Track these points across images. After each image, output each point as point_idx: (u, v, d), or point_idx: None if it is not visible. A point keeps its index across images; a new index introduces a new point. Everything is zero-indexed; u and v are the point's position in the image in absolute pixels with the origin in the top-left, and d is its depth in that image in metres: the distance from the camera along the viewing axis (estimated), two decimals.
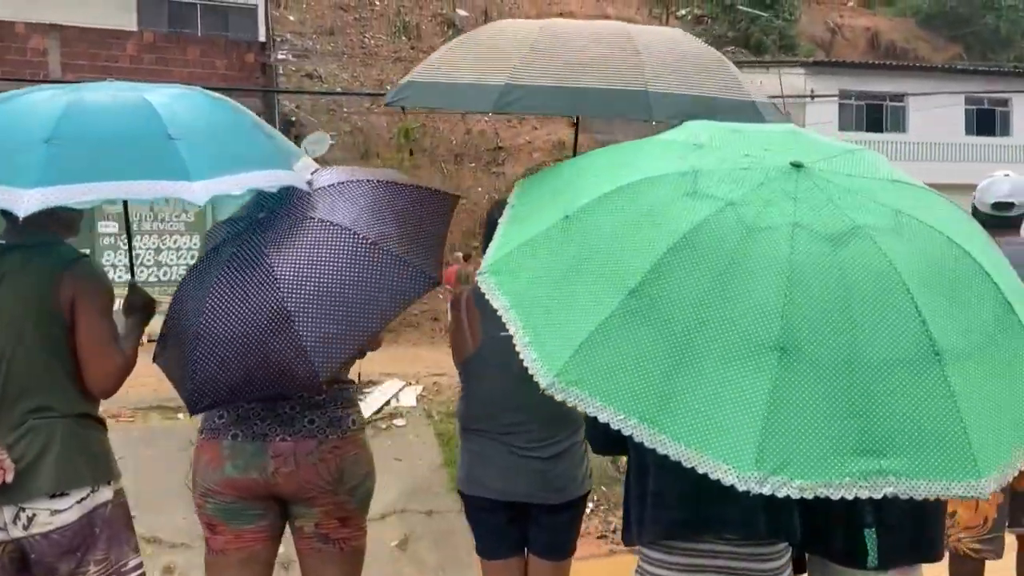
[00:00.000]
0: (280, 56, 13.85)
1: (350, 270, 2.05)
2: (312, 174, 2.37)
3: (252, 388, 2.08)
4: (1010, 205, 3.07)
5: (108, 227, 12.85)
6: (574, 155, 2.11)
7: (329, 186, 2.28)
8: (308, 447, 2.29)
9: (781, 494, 1.23)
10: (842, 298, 1.35)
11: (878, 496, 1.25)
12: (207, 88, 2.45)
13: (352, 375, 2.59)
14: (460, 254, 14.64)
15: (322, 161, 18.76)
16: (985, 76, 19.24)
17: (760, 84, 19.24)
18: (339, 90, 17.04)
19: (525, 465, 2.44)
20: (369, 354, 2.47)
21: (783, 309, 1.33)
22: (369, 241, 2.10)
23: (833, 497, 1.25)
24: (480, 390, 2.53)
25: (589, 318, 1.36)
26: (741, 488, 1.23)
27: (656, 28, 2.60)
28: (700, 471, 1.26)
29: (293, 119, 24.83)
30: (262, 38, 13.92)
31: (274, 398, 2.25)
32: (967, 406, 1.31)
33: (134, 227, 13.12)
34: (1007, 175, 3.17)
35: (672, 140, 1.70)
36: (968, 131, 18.80)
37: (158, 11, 13.62)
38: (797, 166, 1.53)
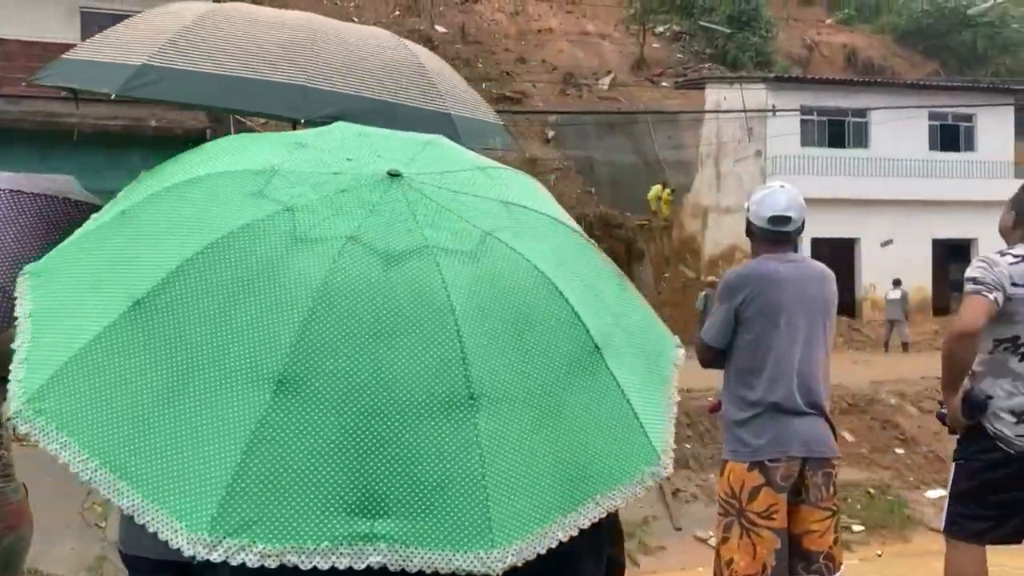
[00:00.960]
0: None
1: None
2: None
3: None
4: (787, 219, 2.86)
5: None
6: None
7: None
8: None
9: (236, 561, 1.01)
10: (377, 325, 1.13)
11: (361, 566, 1.03)
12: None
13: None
14: None
15: None
16: (950, 91, 19.22)
17: (724, 99, 19.18)
18: None
19: None
20: None
21: (298, 334, 1.11)
22: None
23: (303, 566, 1.03)
24: None
25: (82, 334, 1.14)
26: (188, 553, 1.01)
27: (358, 27, 2.40)
28: (151, 530, 1.04)
29: (253, 129, 24.73)
30: None
31: None
32: (497, 463, 1.08)
33: None
34: (783, 187, 2.96)
35: (281, 137, 1.49)
36: (932, 147, 18.73)
37: (103, 23, 13.44)
38: (394, 175, 1.32)
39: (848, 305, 18.97)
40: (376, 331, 1.10)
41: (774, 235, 2.84)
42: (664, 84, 26.47)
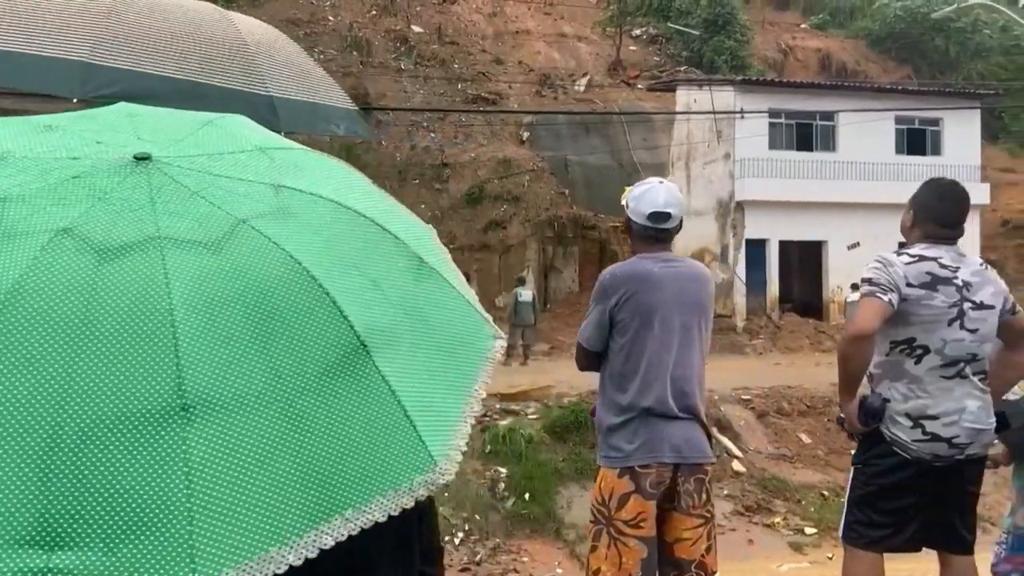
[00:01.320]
0: None
1: None
2: None
3: None
4: (666, 216, 2.75)
5: None
6: None
7: None
8: None
9: None
10: (79, 330, 0.99)
11: None
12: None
13: None
14: None
15: None
16: (917, 96, 19.35)
17: (695, 102, 19.23)
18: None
19: None
20: None
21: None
22: None
23: None
24: None
25: None
26: None
27: (179, 1, 2.24)
28: None
29: None
30: None
31: None
32: (208, 482, 0.95)
33: None
34: (662, 182, 2.84)
35: (28, 121, 1.36)
36: (899, 151, 18.86)
37: None
38: (141, 158, 1.20)
39: (815, 307, 19.07)
40: (76, 337, 0.99)
41: (653, 232, 2.75)
42: (640, 86, 26.48)
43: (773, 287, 18.13)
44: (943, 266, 2.73)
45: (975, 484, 2.83)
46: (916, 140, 19.25)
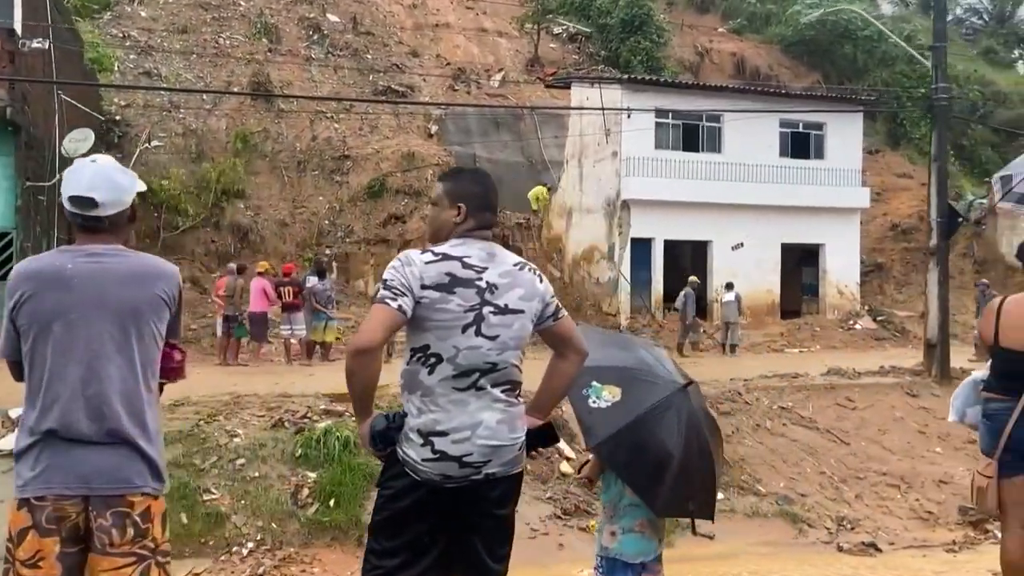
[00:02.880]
0: (36, 44, 12.76)
1: None
2: None
3: None
4: (90, 202, 2.32)
5: None
6: None
7: None
8: None
9: None
10: None
11: None
12: None
13: None
14: (234, 265, 13.86)
15: (142, 161, 17.51)
16: (800, 99, 19.62)
17: (587, 99, 19.17)
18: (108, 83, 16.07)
19: None
20: None
21: None
22: None
23: None
24: None
25: None
26: None
27: None
28: None
29: (118, 118, 23.58)
30: (18, 25, 12.79)
31: None
32: None
33: None
34: (94, 161, 2.41)
35: None
36: (783, 153, 19.13)
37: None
38: None
39: (699, 307, 19.22)
40: None
41: (80, 221, 2.35)
42: (552, 84, 26.40)
43: (658, 286, 18.19)
44: (467, 266, 2.49)
45: (503, 506, 2.57)
46: (800, 143, 19.55)
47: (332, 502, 7.97)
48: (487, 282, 2.50)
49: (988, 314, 3.52)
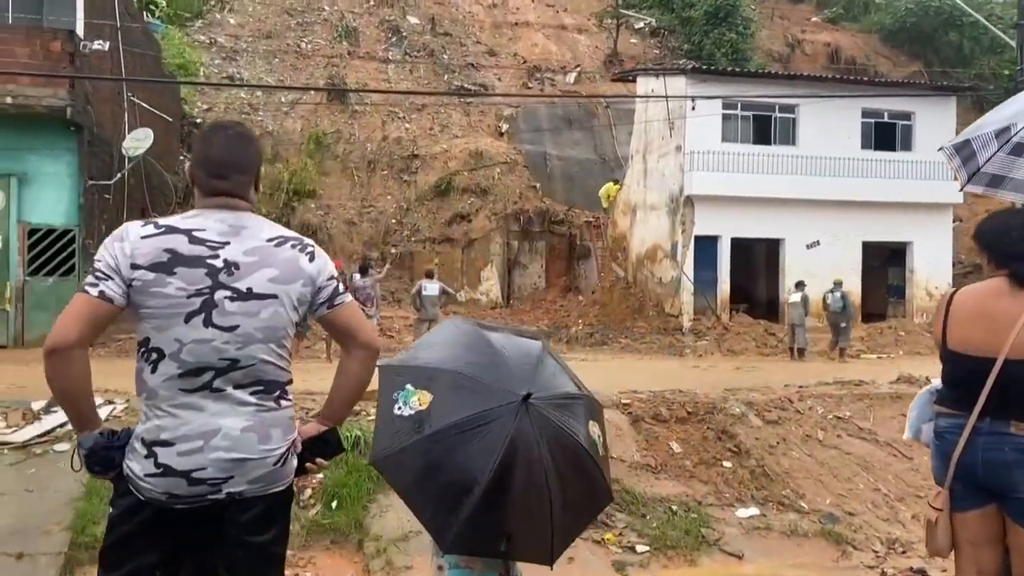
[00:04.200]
0: (97, 45, 13.17)
1: None
2: None
3: None
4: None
5: None
6: None
7: None
8: None
9: None
10: None
11: None
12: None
13: None
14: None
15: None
16: (884, 88, 18.20)
17: (652, 91, 18.40)
18: (122, 77, 16.48)
19: None
20: None
21: None
22: None
23: None
24: None
25: None
26: None
27: None
28: None
29: (199, 120, 24.37)
30: (80, 26, 13.23)
31: None
32: None
33: None
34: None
35: None
36: (865, 145, 17.77)
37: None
38: None
39: (771, 308, 18.15)
40: None
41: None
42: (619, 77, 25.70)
43: (724, 286, 17.22)
44: (196, 240, 2.05)
45: (259, 532, 2.11)
46: (885, 134, 18.14)
47: (334, 504, 7.73)
48: (225, 260, 2.05)
49: (938, 309, 2.79)
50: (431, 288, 12.92)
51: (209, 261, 2.04)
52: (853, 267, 17.69)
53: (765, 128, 17.47)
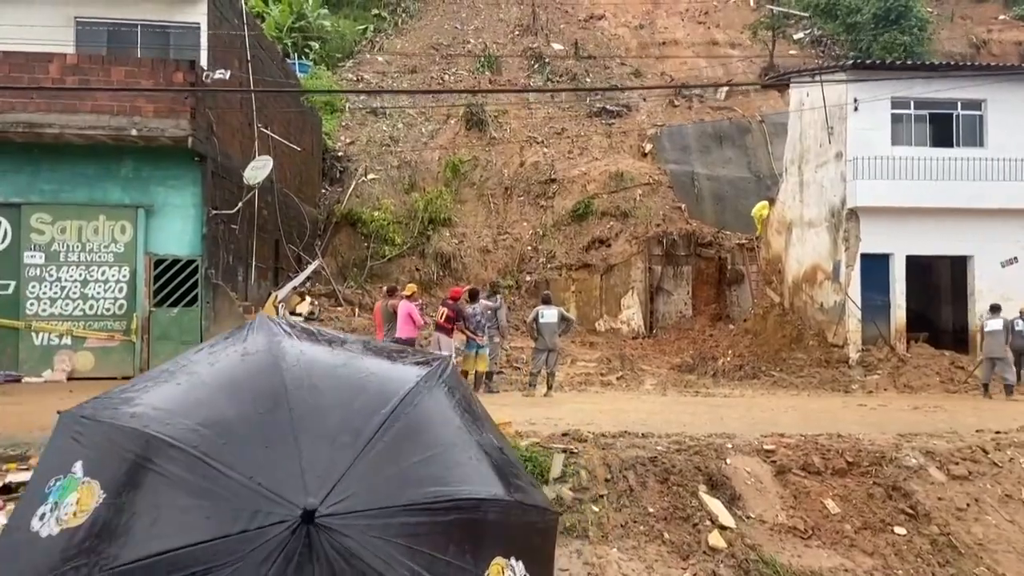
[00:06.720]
0: (219, 75, 13.25)
1: None
2: None
3: None
4: None
5: (34, 258, 12.72)
6: None
7: None
8: None
9: None
10: None
11: None
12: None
13: None
14: (386, 287, 13.42)
15: (357, 193, 18.22)
16: None
17: (807, 96, 16.44)
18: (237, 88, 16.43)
19: None
20: None
21: None
22: None
23: None
24: None
25: None
26: None
27: None
28: None
29: (340, 153, 24.71)
30: (204, 59, 13.38)
31: None
32: None
33: (60, 257, 12.86)
34: None
35: None
36: None
37: (96, 33, 13.53)
38: None
39: (958, 337, 15.47)
40: None
41: None
42: (768, 84, 23.65)
43: (899, 312, 14.81)
44: None
45: None
46: None
47: None
48: None
49: None
50: (549, 315, 11.72)
51: None
52: None
53: (945, 128, 15.03)
